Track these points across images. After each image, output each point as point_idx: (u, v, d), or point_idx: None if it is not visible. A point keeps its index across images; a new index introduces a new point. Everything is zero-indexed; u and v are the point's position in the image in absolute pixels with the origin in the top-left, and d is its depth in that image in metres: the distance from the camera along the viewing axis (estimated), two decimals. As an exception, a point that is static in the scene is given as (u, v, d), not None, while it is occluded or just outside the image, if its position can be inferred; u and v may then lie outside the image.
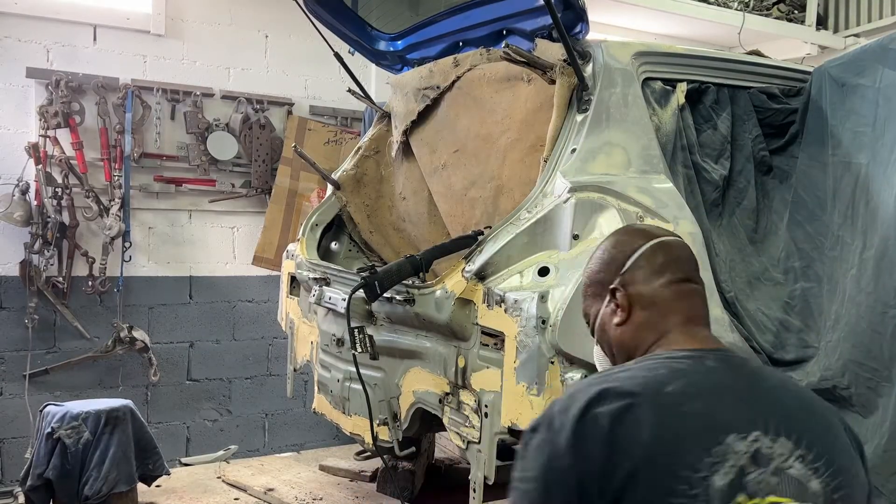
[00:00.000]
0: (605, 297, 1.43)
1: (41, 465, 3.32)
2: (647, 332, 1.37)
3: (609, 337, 1.43)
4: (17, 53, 4.45)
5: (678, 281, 1.40)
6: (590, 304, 1.50)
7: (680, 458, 1.14)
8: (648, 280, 1.39)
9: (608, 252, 1.46)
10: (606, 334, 1.44)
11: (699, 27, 5.86)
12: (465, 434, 2.40)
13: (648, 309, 1.38)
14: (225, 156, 4.86)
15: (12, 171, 4.41)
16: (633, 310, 1.39)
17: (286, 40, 5.11)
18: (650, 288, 1.39)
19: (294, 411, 5.24)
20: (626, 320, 1.39)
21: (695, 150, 2.74)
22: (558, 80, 2.58)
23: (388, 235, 3.60)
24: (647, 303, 1.38)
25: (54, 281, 4.50)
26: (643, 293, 1.39)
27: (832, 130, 2.72)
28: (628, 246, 1.44)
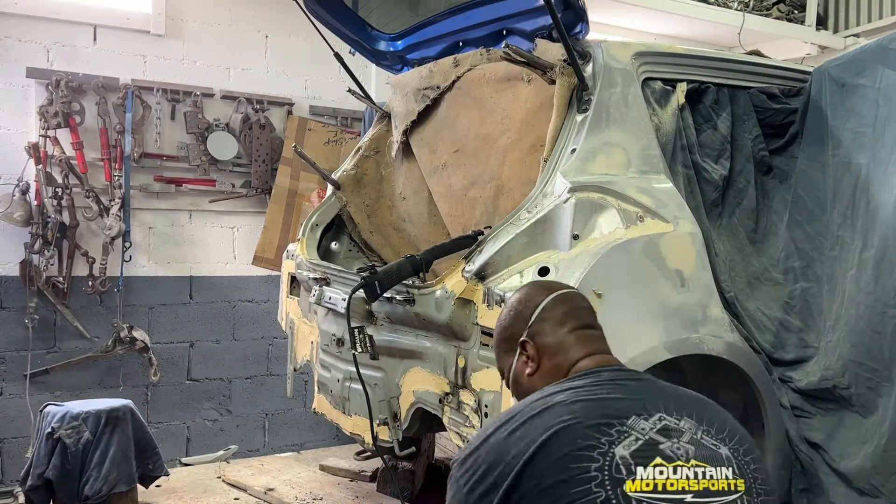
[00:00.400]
0: (516, 350, 1.58)
1: (41, 464, 3.32)
2: (555, 377, 1.50)
3: (523, 388, 1.57)
4: (17, 53, 4.45)
5: (579, 328, 1.56)
6: (503, 359, 1.65)
7: (579, 442, 1.25)
8: (553, 330, 1.55)
9: (514, 308, 1.62)
10: (521, 386, 1.58)
11: (699, 27, 5.86)
12: (465, 434, 2.40)
13: (555, 356, 1.53)
14: (225, 156, 4.86)
15: (12, 171, 4.41)
16: (542, 359, 1.54)
17: (286, 40, 5.11)
18: (555, 337, 1.54)
19: (294, 411, 5.24)
20: (536, 370, 1.54)
21: (695, 150, 2.74)
22: (558, 80, 2.58)
23: (388, 235, 3.60)
24: (554, 351, 1.53)
25: (54, 281, 4.50)
26: (549, 343, 1.54)
27: (832, 130, 2.72)
28: (532, 301, 1.60)
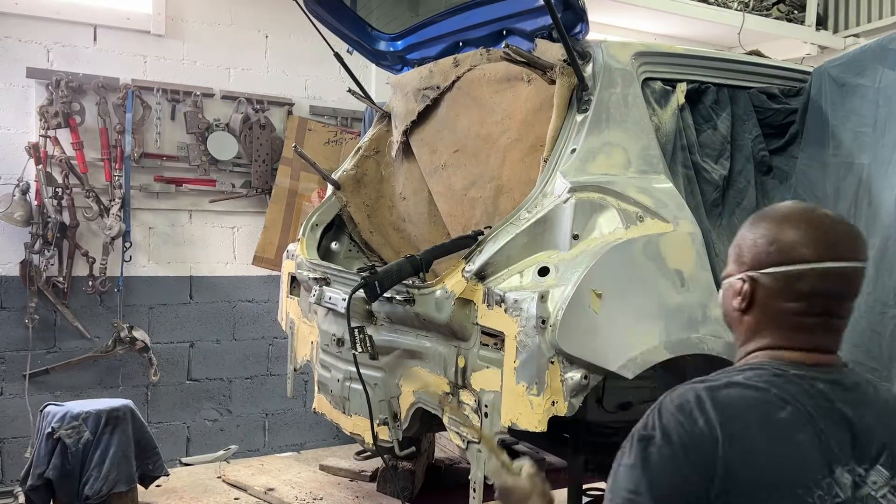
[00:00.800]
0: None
1: (41, 464, 3.32)
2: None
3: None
4: (17, 53, 4.45)
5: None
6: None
7: (789, 487, 1.20)
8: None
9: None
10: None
11: (699, 27, 5.86)
12: (465, 434, 2.40)
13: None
14: (225, 156, 4.86)
15: (12, 171, 4.41)
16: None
17: (286, 40, 5.12)
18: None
19: (294, 411, 5.24)
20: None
21: (695, 150, 2.74)
22: (558, 80, 2.58)
23: (388, 235, 3.60)
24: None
25: (54, 281, 4.50)
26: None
27: (833, 131, 2.72)
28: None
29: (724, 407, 1.25)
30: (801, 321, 1.34)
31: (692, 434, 1.24)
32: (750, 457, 1.21)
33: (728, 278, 1.44)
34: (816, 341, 1.34)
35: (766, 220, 1.39)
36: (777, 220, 1.38)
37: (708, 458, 1.22)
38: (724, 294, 1.45)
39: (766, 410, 1.24)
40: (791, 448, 1.22)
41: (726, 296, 1.44)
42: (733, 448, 1.21)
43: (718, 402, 1.26)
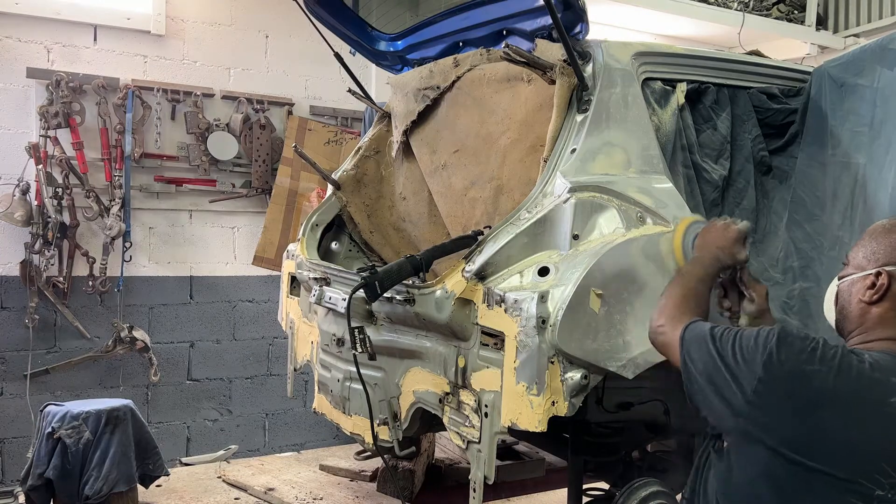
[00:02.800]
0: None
1: (42, 464, 3.32)
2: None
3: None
4: (17, 53, 4.45)
5: None
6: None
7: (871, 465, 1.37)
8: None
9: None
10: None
11: (699, 27, 5.87)
12: (465, 434, 2.40)
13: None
14: (225, 156, 4.86)
15: (13, 171, 4.41)
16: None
17: (286, 40, 5.12)
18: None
19: (294, 411, 5.24)
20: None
21: (695, 150, 2.74)
22: (558, 80, 2.58)
23: (388, 235, 3.60)
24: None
25: (55, 281, 4.50)
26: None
27: (832, 130, 2.72)
28: None
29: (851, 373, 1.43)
30: None
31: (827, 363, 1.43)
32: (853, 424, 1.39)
33: (853, 275, 1.61)
34: None
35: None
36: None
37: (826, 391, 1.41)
38: (848, 288, 1.62)
39: (883, 391, 1.41)
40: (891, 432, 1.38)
41: (852, 290, 1.60)
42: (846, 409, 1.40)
43: (852, 363, 1.43)
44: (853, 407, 1.40)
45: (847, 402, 1.41)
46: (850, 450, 1.39)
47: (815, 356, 1.44)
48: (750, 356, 1.49)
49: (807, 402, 1.43)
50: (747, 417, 1.48)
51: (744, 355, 1.50)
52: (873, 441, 1.39)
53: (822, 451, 1.41)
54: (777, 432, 1.45)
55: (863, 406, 1.41)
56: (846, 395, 1.41)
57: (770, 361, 1.45)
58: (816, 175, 2.74)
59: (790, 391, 1.44)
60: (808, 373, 1.43)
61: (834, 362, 1.43)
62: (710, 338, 1.58)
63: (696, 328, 1.66)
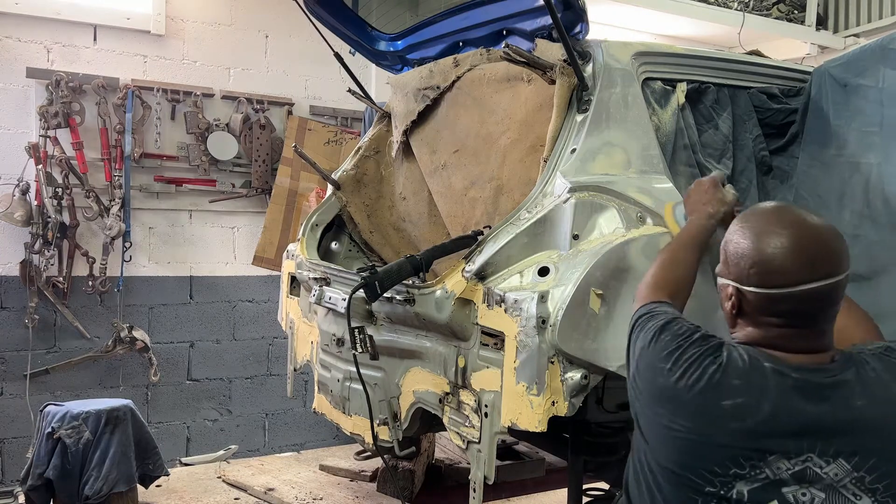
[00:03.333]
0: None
1: (41, 464, 3.32)
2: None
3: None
4: (17, 53, 4.45)
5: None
6: None
7: (717, 454, 1.36)
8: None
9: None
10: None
11: (699, 27, 5.87)
12: (465, 434, 2.40)
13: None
14: (225, 156, 4.86)
15: (12, 171, 4.41)
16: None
17: (286, 40, 5.12)
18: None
19: (294, 411, 5.24)
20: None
21: (697, 150, 2.73)
22: (558, 80, 2.58)
23: (388, 235, 3.60)
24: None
25: (54, 281, 4.50)
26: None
27: (837, 131, 2.71)
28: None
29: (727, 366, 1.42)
30: (786, 332, 1.42)
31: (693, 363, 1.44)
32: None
33: (720, 277, 1.55)
34: (802, 345, 1.42)
35: (748, 234, 1.46)
36: (759, 234, 1.44)
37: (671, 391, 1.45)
38: (719, 289, 1.56)
39: (719, 393, 1.40)
40: (723, 431, 1.37)
41: (721, 293, 1.54)
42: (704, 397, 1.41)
43: (725, 359, 1.43)
44: (684, 407, 1.42)
45: (681, 403, 1.42)
46: (684, 447, 1.41)
47: (674, 356, 1.45)
48: (636, 347, 1.57)
49: (655, 395, 1.47)
50: (632, 402, 1.57)
51: (635, 347, 1.59)
52: (700, 440, 1.39)
53: (663, 444, 1.45)
54: (640, 423, 1.52)
55: (693, 407, 1.41)
56: (683, 396, 1.42)
57: (642, 354, 1.53)
58: (820, 175, 2.73)
59: (647, 384, 1.50)
60: (662, 371, 1.46)
61: (687, 362, 1.44)
62: (633, 322, 1.64)
63: (644, 310, 1.66)
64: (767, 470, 1.33)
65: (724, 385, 1.38)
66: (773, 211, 1.49)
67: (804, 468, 1.33)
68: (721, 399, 1.37)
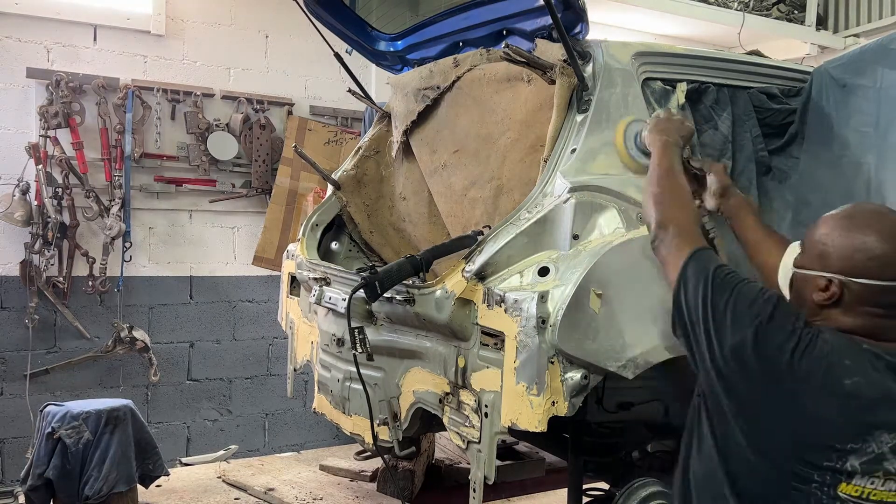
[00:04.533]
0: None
1: (41, 464, 3.32)
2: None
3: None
4: (17, 53, 4.46)
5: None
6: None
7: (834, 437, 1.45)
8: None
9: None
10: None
11: (699, 27, 5.87)
12: (465, 434, 2.40)
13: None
14: (225, 156, 4.86)
15: (13, 171, 4.41)
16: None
17: (286, 40, 5.12)
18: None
19: (294, 411, 5.24)
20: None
21: (696, 150, 2.73)
22: (558, 80, 2.58)
23: (388, 235, 3.60)
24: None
25: (55, 281, 4.50)
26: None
27: (838, 130, 2.71)
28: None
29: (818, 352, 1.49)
30: (882, 322, 1.53)
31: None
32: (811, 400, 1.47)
33: (807, 270, 1.61)
34: (891, 335, 1.54)
35: (856, 230, 1.56)
36: (868, 231, 1.55)
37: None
38: (799, 282, 1.64)
39: (840, 372, 1.46)
40: (848, 408, 1.45)
41: (804, 286, 1.62)
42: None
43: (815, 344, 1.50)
44: (804, 385, 1.47)
45: (800, 380, 1.47)
46: (797, 422, 1.47)
47: (793, 337, 1.50)
48: (741, 315, 1.55)
49: (767, 375, 1.50)
50: (719, 371, 1.55)
51: (735, 312, 1.56)
52: (822, 417, 1.46)
53: (770, 429, 1.49)
54: (742, 393, 1.53)
55: (815, 385, 1.47)
56: (802, 374, 1.47)
57: (759, 331, 1.52)
58: (824, 176, 2.73)
59: (759, 364, 1.51)
60: (781, 349, 1.49)
61: (804, 343, 1.49)
62: (710, 281, 1.63)
63: (700, 262, 1.69)
64: (874, 444, 1.43)
65: (841, 365, 1.47)
66: (878, 211, 1.62)
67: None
68: (843, 378, 1.46)
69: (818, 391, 1.46)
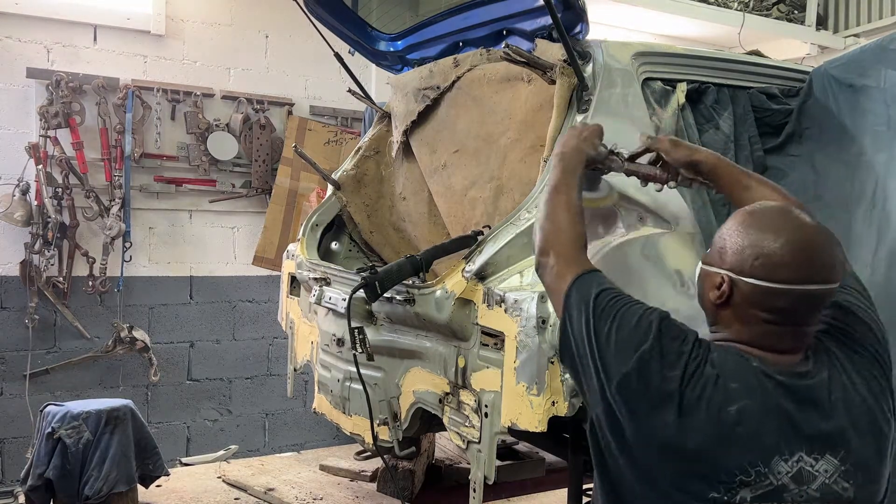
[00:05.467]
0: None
1: (41, 464, 3.32)
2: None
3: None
4: (17, 53, 4.46)
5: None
6: None
7: (724, 462, 1.34)
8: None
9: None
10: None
11: (699, 27, 5.87)
12: (465, 434, 2.40)
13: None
14: (225, 156, 4.86)
15: (13, 171, 4.41)
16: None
17: (286, 40, 5.12)
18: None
19: (294, 411, 5.24)
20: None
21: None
22: (558, 80, 2.58)
23: (388, 235, 3.60)
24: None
25: (55, 281, 4.50)
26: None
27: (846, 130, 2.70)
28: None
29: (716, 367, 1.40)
30: (771, 329, 1.42)
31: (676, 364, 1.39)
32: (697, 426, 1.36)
33: (708, 266, 1.52)
34: (783, 345, 1.43)
35: (753, 227, 1.46)
36: (765, 229, 1.44)
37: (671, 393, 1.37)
38: (702, 279, 1.54)
39: (723, 399, 1.37)
40: (732, 437, 1.35)
41: (705, 282, 1.52)
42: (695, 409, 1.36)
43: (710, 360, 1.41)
44: (691, 413, 1.36)
45: (688, 408, 1.36)
46: (682, 453, 1.36)
47: (680, 361, 1.39)
48: (624, 342, 1.43)
49: (654, 404, 1.38)
50: (607, 406, 1.43)
51: (618, 340, 1.44)
52: (708, 446, 1.35)
53: (657, 451, 1.37)
54: (630, 426, 1.40)
55: (701, 412, 1.36)
56: (690, 402, 1.36)
57: (644, 359, 1.40)
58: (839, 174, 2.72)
59: (646, 392, 1.39)
60: (667, 378, 1.38)
61: (692, 368, 1.39)
62: (591, 309, 1.49)
63: (581, 288, 1.55)
64: (771, 476, 1.33)
65: (726, 389, 1.37)
66: (781, 210, 1.50)
67: (798, 469, 1.34)
68: (728, 404, 1.35)
69: (703, 421, 1.35)
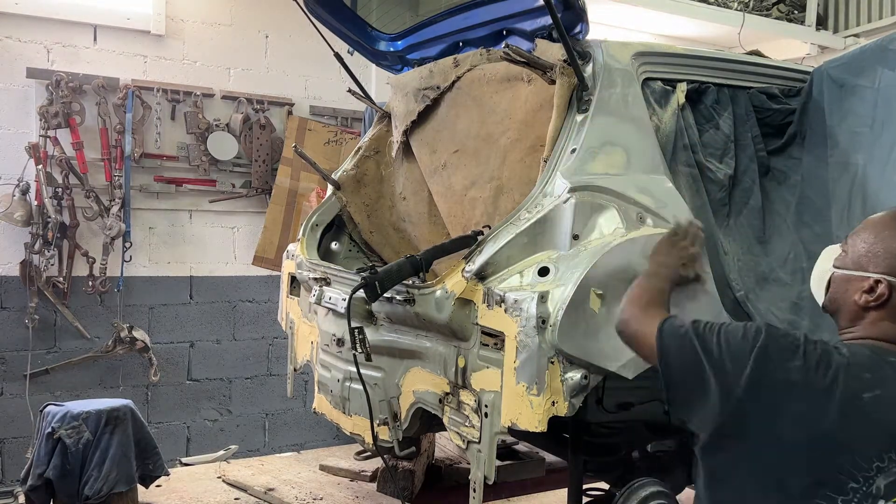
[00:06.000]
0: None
1: (41, 464, 3.32)
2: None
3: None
4: (17, 53, 4.46)
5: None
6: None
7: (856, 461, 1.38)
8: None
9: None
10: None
11: (699, 27, 5.87)
12: (465, 434, 2.40)
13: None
14: (225, 156, 4.86)
15: (13, 171, 4.41)
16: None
17: (286, 40, 5.12)
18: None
19: (294, 411, 5.24)
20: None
21: (697, 150, 2.73)
22: (558, 80, 2.58)
23: (388, 235, 3.60)
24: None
25: (55, 281, 4.50)
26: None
27: (831, 131, 2.72)
28: None
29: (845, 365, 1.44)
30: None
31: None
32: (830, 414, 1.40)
33: (849, 271, 1.57)
34: None
35: None
36: None
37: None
38: (843, 282, 1.59)
39: (858, 386, 1.41)
40: (868, 424, 1.39)
41: (848, 287, 1.57)
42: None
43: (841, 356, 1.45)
44: (825, 401, 1.40)
45: (819, 397, 1.40)
46: (821, 445, 1.39)
47: (798, 353, 1.44)
48: (738, 350, 1.47)
49: (783, 397, 1.42)
50: (731, 413, 1.45)
51: (731, 349, 1.48)
52: (845, 435, 1.39)
53: (791, 448, 1.41)
54: (759, 428, 1.44)
55: (835, 401, 1.40)
56: (820, 390, 1.41)
57: (761, 356, 1.44)
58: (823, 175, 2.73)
59: (773, 386, 1.43)
60: (789, 369, 1.42)
61: (813, 358, 1.43)
62: (693, 331, 1.54)
63: (675, 321, 1.61)
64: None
65: (860, 378, 1.42)
66: None
67: None
68: (862, 391, 1.40)
69: (836, 408, 1.39)
